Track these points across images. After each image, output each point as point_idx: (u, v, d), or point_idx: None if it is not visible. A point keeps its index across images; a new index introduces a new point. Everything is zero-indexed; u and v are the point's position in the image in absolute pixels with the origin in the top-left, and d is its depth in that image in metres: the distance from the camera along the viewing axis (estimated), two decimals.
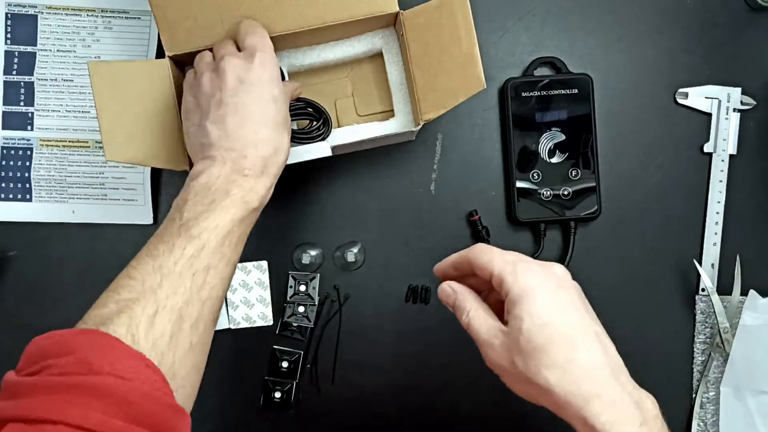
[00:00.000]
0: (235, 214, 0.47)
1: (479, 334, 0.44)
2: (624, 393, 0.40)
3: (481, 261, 0.44)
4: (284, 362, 0.66)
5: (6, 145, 0.66)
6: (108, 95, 0.55)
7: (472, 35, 0.55)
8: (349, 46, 0.62)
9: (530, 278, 0.42)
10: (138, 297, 0.41)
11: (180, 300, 0.43)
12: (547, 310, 0.41)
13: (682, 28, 0.68)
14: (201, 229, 0.45)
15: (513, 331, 0.41)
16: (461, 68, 0.55)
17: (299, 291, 0.66)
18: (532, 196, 0.66)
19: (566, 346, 0.40)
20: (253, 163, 0.49)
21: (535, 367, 0.40)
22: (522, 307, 0.41)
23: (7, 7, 0.65)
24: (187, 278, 0.43)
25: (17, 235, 0.66)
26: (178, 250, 0.44)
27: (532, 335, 0.40)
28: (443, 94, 0.56)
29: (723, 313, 0.65)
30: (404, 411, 0.67)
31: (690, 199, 0.68)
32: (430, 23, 0.56)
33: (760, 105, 0.68)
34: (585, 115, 0.66)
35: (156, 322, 0.41)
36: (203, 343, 0.46)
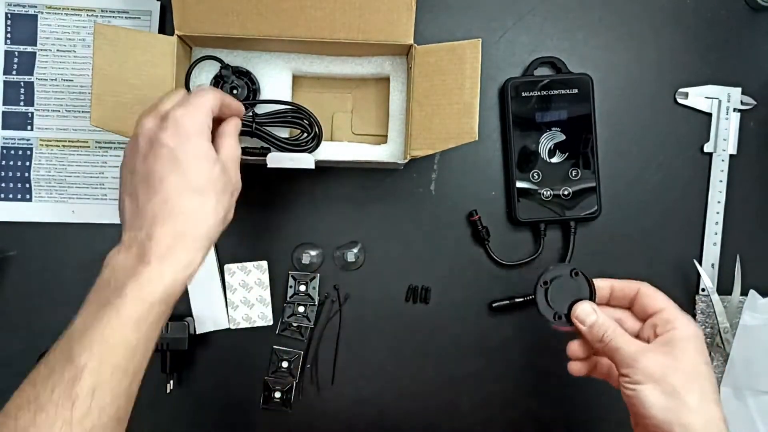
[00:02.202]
0: (128, 319, 0.40)
1: (621, 353, 0.47)
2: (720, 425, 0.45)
3: (654, 296, 0.50)
4: (284, 362, 0.66)
5: (6, 145, 0.66)
6: (107, 59, 0.55)
7: (476, 87, 0.56)
8: (358, 65, 0.62)
9: (699, 331, 0.48)
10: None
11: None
12: (707, 359, 0.47)
13: (682, 28, 0.68)
14: (82, 349, 0.39)
15: (672, 353, 0.46)
16: (458, 116, 0.56)
17: (299, 291, 0.66)
18: (532, 196, 0.66)
19: (714, 391, 0.46)
20: (158, 243, 0.42)
21: (690, 390, 0.45)
22: (690, 342, 0.46)
23: (7, 7, 0.65)
24: (66, 409, 0.38)
25: (17, 235, 0.66)
26: (57, 374, 0.39)
27: (697, 365, 0.46)
28: (436, 136, 0.57)
29: (723, 313, 0.65)
30: (404, 411, 0.67)
31: (690, 199, 0.68)
32: (440, 64, 0.56)
33: (760, 105, 0.68)
34: (585, 115, 0.66)
35: None
36: (126, 417, 0.42)
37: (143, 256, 0.42)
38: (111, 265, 0.43)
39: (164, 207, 0.43)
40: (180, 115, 0.44)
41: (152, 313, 0.42)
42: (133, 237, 0.43)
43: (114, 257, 0.43)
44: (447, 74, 0.56)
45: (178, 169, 0.43)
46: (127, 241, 0.43)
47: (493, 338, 0.67)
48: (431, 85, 0.57)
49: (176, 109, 0.45)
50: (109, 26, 0.55)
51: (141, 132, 0.45)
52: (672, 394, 0.44)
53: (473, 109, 0.56)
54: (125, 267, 0.42)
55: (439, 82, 0.57)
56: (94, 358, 0.39)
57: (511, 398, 0.67)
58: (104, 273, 0.43)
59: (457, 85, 0.56)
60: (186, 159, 0.43)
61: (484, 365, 0.67)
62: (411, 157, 0.57)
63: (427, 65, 0.57)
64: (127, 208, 0.44)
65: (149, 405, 0.65)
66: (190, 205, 0.44)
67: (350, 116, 0.65)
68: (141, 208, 0.43)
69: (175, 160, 0.43)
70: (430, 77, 0.57)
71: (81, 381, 0.38)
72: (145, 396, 0.65)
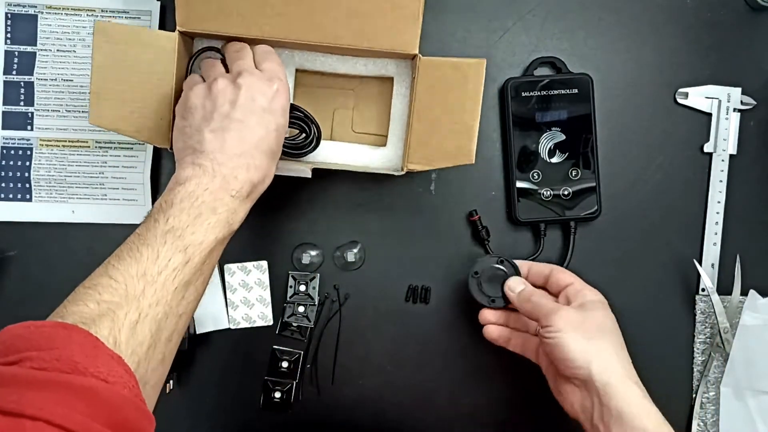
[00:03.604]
0: (219, 234, 0.47)
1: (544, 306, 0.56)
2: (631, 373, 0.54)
3: (564, 273, 0.60)
4: (284, 362, 0.66)
5: (6, 145, 0.66)
6: (106, 56, 0.54)
7: (477, 108, 0.56)
8: (362, 65, 0.62)
9: (604, 300, 0.58)
10: (120, 302, 0.41)
11: (161, 311, 0.43)
12: (613, 319, 0.57)
13: (682, 28, 0.68)
14: (187, 243, 0.45)
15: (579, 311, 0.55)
16: (457, 136, 0.56)
17: (299, 291, 0.66)
18: (532, 196, 0.66)
19: (620, 344, 0.55)
20: (242, 185, 0.49)
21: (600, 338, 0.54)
22: (595, 305, 0.56)
23: (7, 7, 0.65)
24: (169, 290, 0.43)
25: (17, 235, 0.66)
26: (162, 260, 0.44)
27: (602, 321, 0.55)
28: (433, 152, 0.57)
29: (723, 313, 0.65)
30: (404, 411, 0.67)
31: (690, 200, 0.68)
32: (443, 80, 0.56)
33: (760, 105, 0.68)
34: (585, 115, 0.66)
35: (137, 330, 0.41)
36: (172, 356, 0.46)
37: (229, 190, 0.49)
38: (195, 181, 0.48)
39: (250, 159, 0.50)
40: (283, 89, 0.53)
41: (227, 239, 0.50)
42: (217, 169, 0.49)
43: (196, 178, 0.48)
44: (449, 91, 0.56)
45: (268, 135, 0.51)
46: (210, 170, 0.48)
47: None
48: (433, 100, 0.57)
49: (278, 82, 0.53)
50: (110, 23, 0.55)
51: (245, 85, 0.51)
52: (588, 339, 0.53)
53: (472, 132, 0.56)
54: (214, 191, 0.48)
55: (440, 98, 0.56)
56: (197, 256, 0.45)
57: (511, 398, 0.67)
58: (187, 186, 0.48)
59: (458, 104, 0.56)
60: (275, 128, 0.52)
61: (484, 365, 0.67)
62: (408, 170, 0.57)
63: (430, 79, 0.56)
64: (209, 142, 0.49)
65: None
66: (266, 165, 0.51)
67: (351, 113, 0.65)
68: (228, 149, 0.49)
69: (269, 125, 0.51)
70: (432, 91, 0.57)
71: (181, 275, 0.44)
72: None
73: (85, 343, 0.38)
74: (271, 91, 0.52)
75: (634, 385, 0.52)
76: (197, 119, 0.51)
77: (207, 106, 0.51)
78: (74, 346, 0.37)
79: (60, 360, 0.36)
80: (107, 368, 0.37)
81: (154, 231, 0.45)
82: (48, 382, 0.35)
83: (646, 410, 0.51)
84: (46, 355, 0.36)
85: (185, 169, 0.49)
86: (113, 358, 0.38)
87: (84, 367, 0.36)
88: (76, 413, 0.34)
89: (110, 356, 0.38)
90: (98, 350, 0.38)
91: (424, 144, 0.57)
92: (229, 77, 0.52)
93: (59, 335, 0.38)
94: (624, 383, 0.51)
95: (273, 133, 0.52)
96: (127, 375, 0.38)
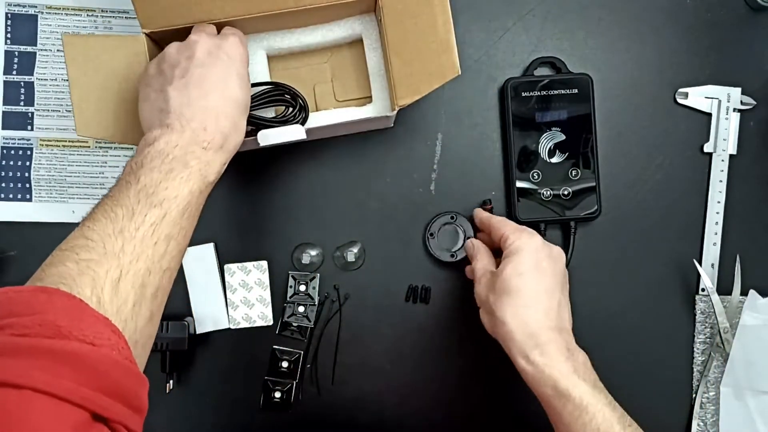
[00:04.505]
0: (193, 186, 0.47)
1: (476, 271, 0.58)
2: (560, 340, 0.52)
3: (498, 224, 0.58)
4: (284, 362, 0.66)
5: (6, 145, 0.66)
6: (81, 68, 0.55)
7: (449, 22, 0.56)
8: (328, 31, 0.62)
9: (528, 242, 0.55)
10: (100, 259, 0.40)
11: (143, 267, 0.42)
12: (528, 267, 0.53)
13: (682, 28, 0.68)
14: (161, 198, 0.44)
15: (497, 273, 0.54)
16: (437, 55, 0.56)
17: (299, 291, 0.66)
18: (532, 196, 0.66)
19: (529, 297, 0.52)
20: (212, 136, 0.49)
21: (501, 303, 0.53)
22: (511, 258, 0.54)
23: (7, 7, 0.65)
24: (149, 245, 0.43)
25: (17, 235, 0.66)
26: (139, 217, 0.43)
27: (507, 280, 0.53)
28: (418, 79, 0.56)
29: (723, 313, 0.65)
30: (404, 411, 0.67)
31: (690, 200, 0.68)
32: (408, 9, 0.56)
33: (760, 105, 0.68)
34: (585, 115, 0.66)
35: (120, 288, 0.40)
36: (159, 313, 0.45)
37: (200, 142, 0.48)
38: (164, 139, 0.47)
39: (217, 109, 0.50)
40: (239, 41, 0.54)
41: (205, 191, 0.49)
42: (185, 124, 0.48)
43: (164, 135, 0.48)
44: (417, 17, 0.56)
45: (230, 82, 0.51)
46: (178, 126, 0.48)
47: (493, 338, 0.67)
48: (404, 32, 0.56)
49: (233, 36, 0.53)
50: (77, 36, 0.55)
51: (198, 40, 0.51)
52: (493, 314, 0.54)
53: (451, 45, 0.56)
54: (184, 146, 0.47)
55: (411, 25, 0.56)
56: (170, 213, 0.45)
57: (511, 398, 0.67)
58: (156, 145, 0.47)
59: (429, 25, 0.56)
60: (237, 76, 0.52)
61: (483, 365, 0.67)
62: (399, 106, 0.57)
63: (396, 13, 0.56)
64: (173, 99, 0.49)
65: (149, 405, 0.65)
66: (234, 114, 0.51)
67: (331, 85, 0.65)
68: (193, 102, 0.49)
69: (230, 73, 0.51)
70: (401, 25, 0.56)
71: (160, 228, 0.44)
72: None
73: (69, 305, 0.37)
74: (227, 42, 0.52)
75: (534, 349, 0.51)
76: (158, 83, 0.51)
77: (164, 68, 0.51)
78: (57, 309, 0.36)
79: (42, 325, 0.34)
80: (93, 331, 0.36)
81: (126, 192, 0.44)
82: (31, 348, 0.33)
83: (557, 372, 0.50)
84: (27, 320, 0.34)
85: (154, 130, 0.49)
86: (99, 319, 0.37)
87: (68, 331, 0.35)
88: (63, 379, 0.33)
89: (95, 318, 0.37)
90: (83, 312, 0.37)
91: (407, 75, 0.57)
92: (182, 43, 0.53)
93: (39, 299, 0.36)
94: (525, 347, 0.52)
95: (235, 80, 0.51)
96: (115, 336, 0.37)
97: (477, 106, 0.67)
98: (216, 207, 0.66)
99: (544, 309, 0.52)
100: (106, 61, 0.55)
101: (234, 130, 0.51)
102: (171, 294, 0.64)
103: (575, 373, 0.50)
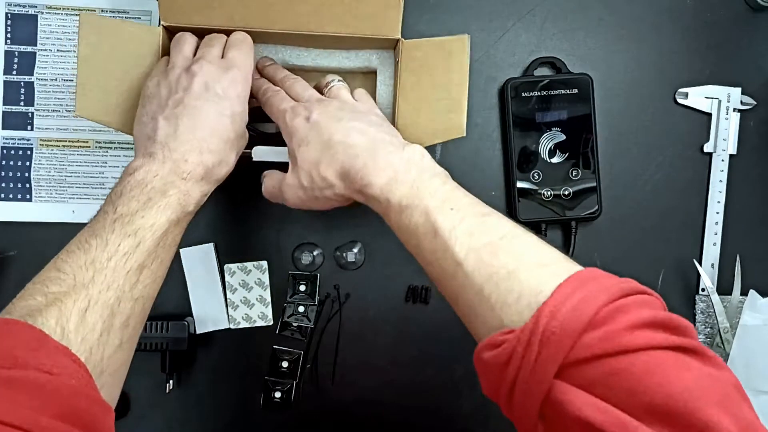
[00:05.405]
0: (171, 215, 0.47)
1: (274, 188, 0.55)
2: (380, 154, 0.49)
3: (265, 106, 0.56)
4: (284, 362, 0.66)
5: (6, 145, 0.66)
6: (92, 48, 0.55)
7: (465, 82, 0.56)
8: (345, 58, 0.62)
9: (295, 121, 0.52)
10: (69, 291, 0.41)
11: (112, 296, 0.42)
12: (307, 136, 0.51)
13: (682, 28, 0.68)
14: (136, 227, 0.45)
15: (293, 163, 0.52)
16: (446, 112, 0.56)
17: (299, 291, 0.66)
18: (533, 196, 0.66)
19: (329, 149, 0.50)
20: (194, 167, 0.49)
21: (317, 173, 0.50)
22: (293, 144, 0.52)
23: (7, 7, 0.65)
24: (120, 275, 0.43)
25: (17, 235, 0.66)
26: (112, 246, 0.43)
27: (305, 156, 0.51)
28: (422, 131, 0.56)
29: (723, 313, 0.65)
30: (404, 411, 0.67)
31: (690, 199, 0.68)
32: (427, 60, 0.56)
33: (760, 105, 0.68)
34: (585, 115, 0.66)
35: (87, 317, 0.40)
36: (132, 341, 0.45)
37: (180, 173, 0.49)
38: (145, 169, 0.48)
39: (203, 143, 0.50)
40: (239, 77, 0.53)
41: (184, 221, 0.49)
42: (167, 155, 0.49)
43: (146, 165, 0.48)
44: (434, 69, 0.56)
45: (222, 120, 0.51)
46: (160, 156, 0.49)
47: None
48: (418, 80, 0.57)
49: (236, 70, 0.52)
50: (96, 15, 0.55)
51: (198, 72, 0.51)
52: (322, 186, 0.51)
53: (461, 105, 0.56)
54: (164, 176, 0.48)
55: (426, 77, 0.56)
56: (148, 239, 0.45)
57: None
58: (136, 175, 0.48)
59: (444, 81, 0.56)
60: (230, 114, 0.51)
61: None
62: None
63: (414, 60, 0.57)
64: (161, 129, 0.49)
65: (149, 405, 0.65)
66: (221, 150, 0.51)
67: None
68: (180, 135, 0.49)
69: (223, 111, 0.51)
70: (417, 72, 0.57)
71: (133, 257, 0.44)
72: (144, 396, 0.65)
73: (29, 337, 0.37)
74: (227, 79, 0.52)
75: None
76: (153, 107, 0.51)
77: (162, 93, 0.51)
78: (16, 341, 0.36)
79: (0, 356, 0.35)
80: (51, 360, 0.36)
81: (103, 222, 0.45)
82: None
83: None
84: None
85: (137, 159, 0.49)
86: (59, 349, 0.38)
87: (25, 361, 0.35)
88: (21, 408, 0.33)
89: (55, 348, 0.38)
90: (42, 343, 0.37)
91: (412, 124, 0.57)
92: (185, 65, 0.52)
93: (0, 332, 0.37)
94: None
95: (227, 119, 0.51)
96: (75, 365, 0.38)
97: (477, 106, 0.67)
98: (216, 207, 0.66)
99: (350, 142, 0.49)
100: (118, 46, 0.55)
101: (219, 163, 0.51)
102: (171, 294, 0.65)
103: (390, 183, 0.48)
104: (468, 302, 0.43)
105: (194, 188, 0.50)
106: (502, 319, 0.39)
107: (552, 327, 0.36)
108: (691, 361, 0.34)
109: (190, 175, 0.49)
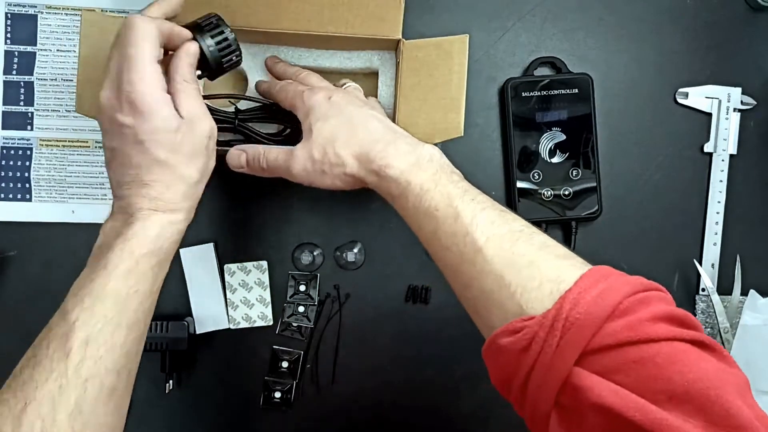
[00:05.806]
0: (115, 271, 0.43)
1: (278, 160, 0.52)
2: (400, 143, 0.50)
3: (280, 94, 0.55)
4: (284, 362, 0.66)
5: (6, 145, 0.66)
6: (93, 47, 0.55)
7: (463, 82, 0.56)
8: (346, 59, 0.62)
9: (314, 98, 0.52)
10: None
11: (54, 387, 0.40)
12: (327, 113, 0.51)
13: (682, 28, 0.68)
14: (74, 304, 0.42)
15: (307, 137, 0.51)
16: (445, 112, 0.57)
17: (299, 291, 0.66)
18: (533, 196, 0.66)
19: (348, 129, 0.50)
20: (140, 208, 0.45)
21: (331, 149, 0.50)
22: (310, 119, 0.51)
23: (7, 7, 0.65)
24: (60, 362, 0.40)
25: (17, 235, 0.66)
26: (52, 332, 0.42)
27: (321, 131, 0.50)
28: (421, 131, 0.56)
29: (723, 313, 0.65)
30: (404, 411, 0.67)
31: (690, 199, 0.68)
32: (427, 60, 0.57)
33: (760, 105, 0.68)
34: (585, 114, 0.66)
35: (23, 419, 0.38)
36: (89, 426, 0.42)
37: (128, 219, 0.45)
38: (103, 232, 0.46)
39: (136, 180, 0.45)
40: (129, 91, 0.43)
41: (140, 264, 0.44)
42: (118, 206, 0.46)
43: (104, 226, 0.47)
44: (434, 69, 0.57)
45: (141, 147, 0.44)
46: (115, 210, 0.47)
47: None
48: (418, 80, 0.57)
49: (124, 83, 0.43)
50: (97, 13, 0.55)
51: (104, 109, 0.45)
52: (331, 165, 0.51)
53: (459, 105, 0.56)
54: (114, 229, 0.45)
55: (426, 77, 0.57)
56: (86, 311, 0.41)
57: None
58: (98, 241, 0.46)
59: (444, 81, 0.56)
60: (147, 137, 0.44)
61: (483, 365, 0.67)
62: None
63: (414, 60, 0.57)
64: (111, 180, 0.47)
65: (149, 405, 0.65)
66: (159, 176, 0.45)
67: None
68: (119, 180, 0.46)
69: (136, 139, 0.44)
70: (417, 72, 0.57)
71: (74, 334, 0.41)
72: (144, 396, 0.65)
73: None
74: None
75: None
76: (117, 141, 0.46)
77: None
78: None
79: None
80: None
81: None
82: None
83: None
84: None
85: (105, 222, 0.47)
86: None
87: None
88: None
89: None
90: None
91: (412, 124, 0.57)
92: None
93: None
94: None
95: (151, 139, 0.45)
96: None
97: (477, 106, 0.67)
98: (216, 207, 0.66)
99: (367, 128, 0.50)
100: None
101: (168, 190, 0.46)
102: (171, 294, 0.65)
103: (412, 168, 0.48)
104: (484, 288, 0.43)
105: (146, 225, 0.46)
106: (521, 306, 0.40)
107: (576, 314, 0.36)
108: (708, 355, 0.36)
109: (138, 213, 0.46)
